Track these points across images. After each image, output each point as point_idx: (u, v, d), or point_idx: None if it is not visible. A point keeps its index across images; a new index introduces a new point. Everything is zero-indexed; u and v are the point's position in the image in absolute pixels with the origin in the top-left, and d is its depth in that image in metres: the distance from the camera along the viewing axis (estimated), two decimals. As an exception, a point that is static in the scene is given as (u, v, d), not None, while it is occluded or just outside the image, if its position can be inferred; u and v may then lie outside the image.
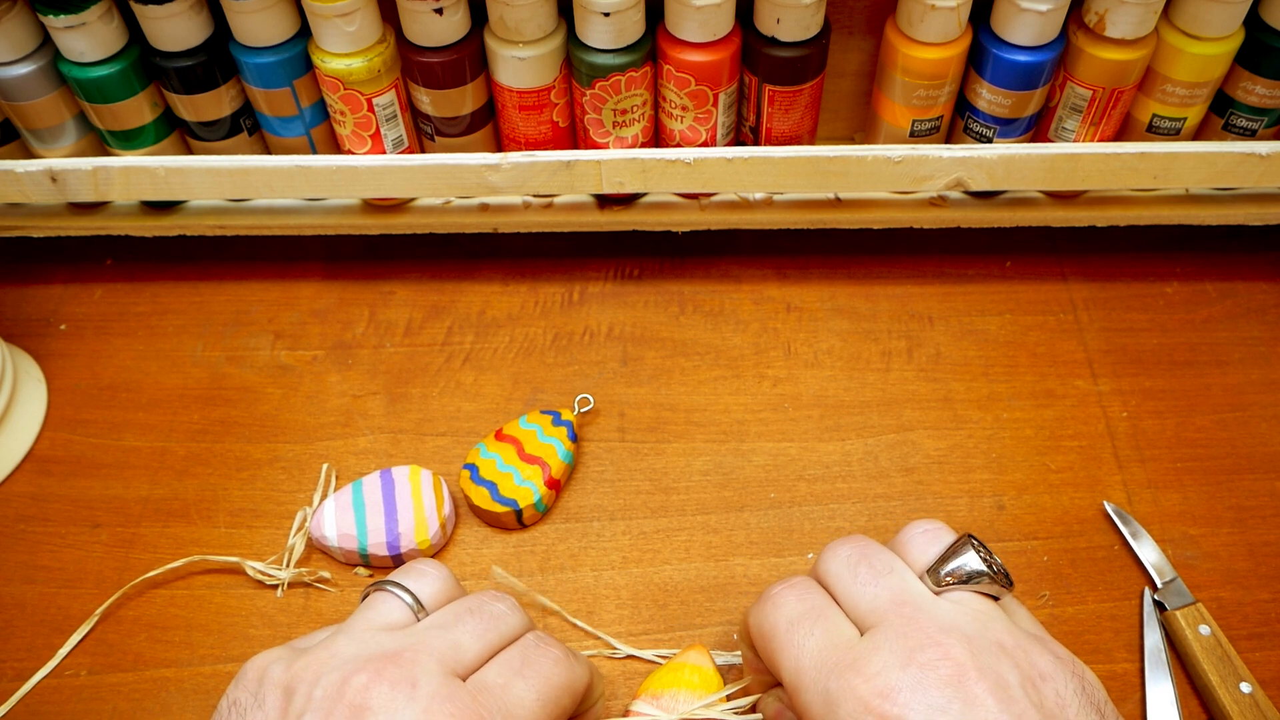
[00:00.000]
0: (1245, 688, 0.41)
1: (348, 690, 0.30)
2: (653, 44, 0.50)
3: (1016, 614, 0.34)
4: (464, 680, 0.32)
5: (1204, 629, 0.43)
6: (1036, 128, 0.53)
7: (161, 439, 0.52)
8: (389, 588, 0.35)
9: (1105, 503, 0.49)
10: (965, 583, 0.33)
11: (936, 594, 0.33)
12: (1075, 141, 0.53)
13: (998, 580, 0.33)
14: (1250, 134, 0.52)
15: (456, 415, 0.53)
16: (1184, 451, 0.51)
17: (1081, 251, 0.59)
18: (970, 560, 0.33)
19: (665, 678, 0.41)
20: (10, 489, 0.51)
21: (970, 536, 0.34)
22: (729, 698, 0.40)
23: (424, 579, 0.36)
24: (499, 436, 0.50)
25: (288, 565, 0.47)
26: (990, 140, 0.53)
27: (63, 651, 0.45)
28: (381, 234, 0.57)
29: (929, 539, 0.35)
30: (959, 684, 0.29)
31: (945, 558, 0.34)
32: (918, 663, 0.30)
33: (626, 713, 0.41)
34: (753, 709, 0.39)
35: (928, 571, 0.34)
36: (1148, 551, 0.47)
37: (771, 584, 0.36)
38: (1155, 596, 0.45)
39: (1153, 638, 0.44)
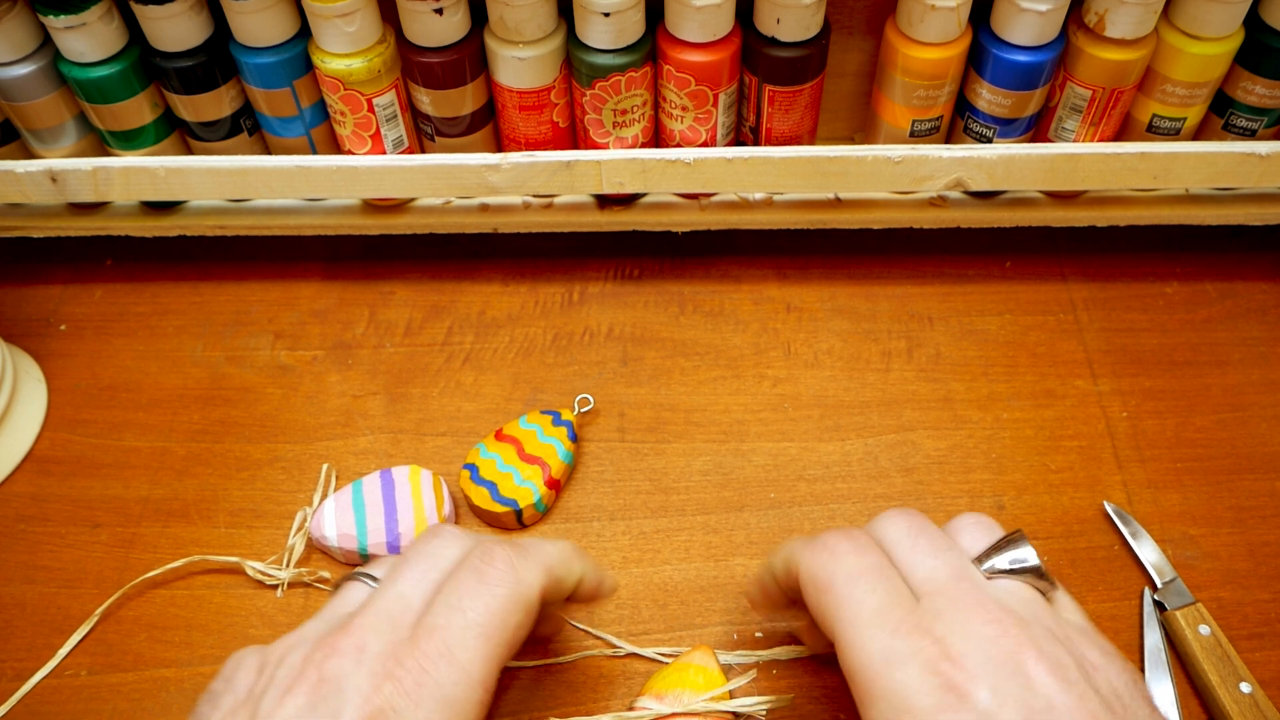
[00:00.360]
0: (1245, 688, 0.41)
1: (308, 666, 0.31)
2: (653, 44, 0.50)
3: (1066, 608, 0.35)
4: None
5: (1204, 629, 0.43)
6: (1036, 128, 0.53)
7: (161, 439, 0.52)
8: (357, 577, 0.37)
9: (1105, 503, 0.49)
10: (1015, 574, 0.34)
11: (988, 579, 0.34)
12: (1075, 141, 0.53)
13: (1047, 576, 0.34)
14: (1250, 134, 0.52)
15: (456, 415, 0.53)
16: (1184, 451, 0.51)
17: (1081, 251, 0.59)
18: (1028, 553, 0.34)
19: (670, 677, 0.41)
20: (10, 489, 0.51)
21: (1021, 532, 0.35)
22: (732, 694, 0.41)
23: (385, 563, 0.37)
24: (499, 436, 0.50)
25: (288, 565, 0.47)
26: (990, 140, 0.53)
27: (63, 651, 0.45)
28: (381, 234, 0.57)
29: (981, 529, 0.36)
30: (1019, 661, 0.30)
31: (1000, 547, 0.35)
32: (980, 635, 0.31)
33: (631, 708, 0.41)
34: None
35: (978, 558, 0.35)
36: (1147, 551, 0.47)
37: (803, 538, 0.36)
38: (1155, 596, 0.45)
39: (1152, 637, 0.44)
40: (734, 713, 0.40)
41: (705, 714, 0.40)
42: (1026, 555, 0.34)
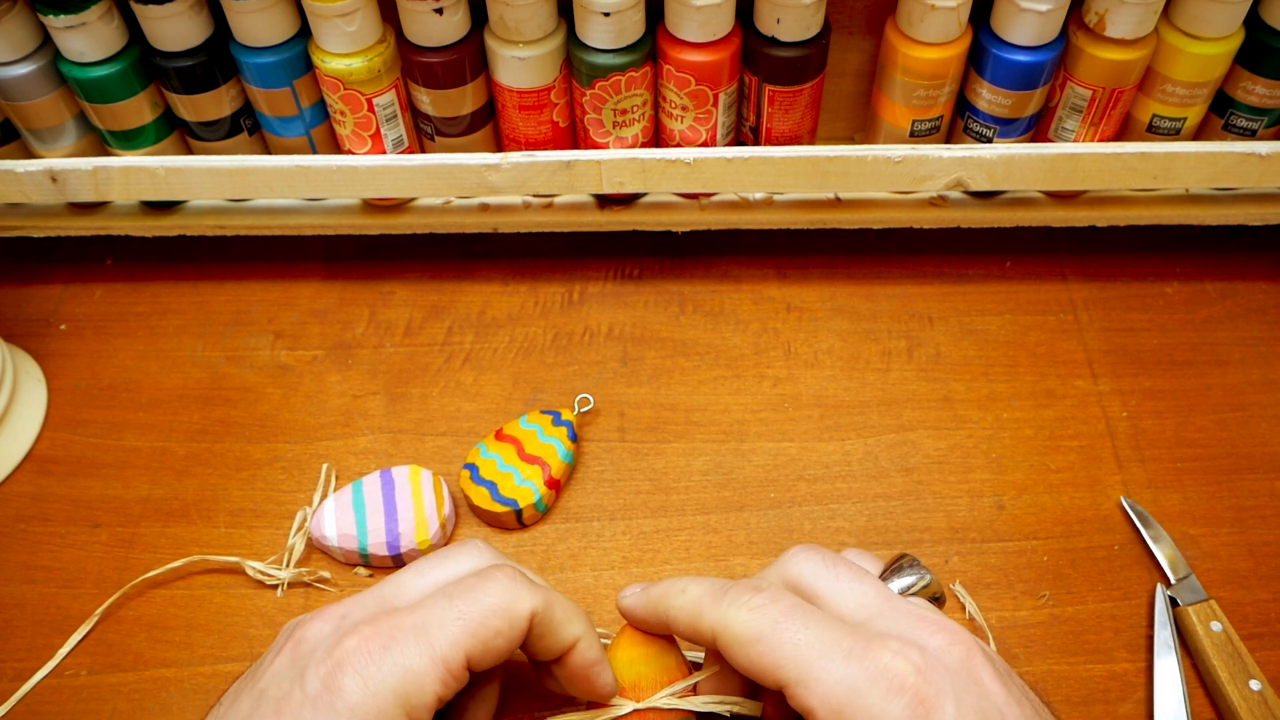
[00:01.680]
0: (1254, 685, 0.41)
1: (295, 629, 0.33)
2: (653, 44, 0.50)
3: None
4: None
5: (1215, 625, 0.43)
6: (1036, 128, 0.53)
7: (161, 439, 0.52)
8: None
9: (1122, 498, 0.49)
10: (918, 593, 0.35)
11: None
12: (1075, 141, 0.53)
13: (941, 595, 0.36)
14: (1250, 134, 0.52)
15: (456, 415, 0.53)
16: (1184, 451, 0.51)
17: (1081, 251, 0.59)
18: (926, 574, 0.35)
19: (630, 669, 0.39)
20: (10, 489, 0.51)
21: (909, 555, 0.36)
22: (696, 688, 0.39)
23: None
24: (499, 436, 0.50)
25: (288, 565, 0.47)
26: (990, 140, 0.53)
27: (63, 651, 0.45)
28: (381, 234, 0.57)
29: (869, 559, 0.37)
30: (971, 668, 0.31)
31: (898, 570, 0.36)
32: (932, 646, 0.31)
33: (589, 706, 0.39)
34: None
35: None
36: (1163, 547, 0.47)
37: (707, 594, 0.34)
38: (1168, 592, 0.45)
39: (1163, 634, 0.44)
40: (696, 713, 0.38)
41: (669, 710, 0.38)
42: (926, 575, 0.35)
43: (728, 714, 0.38)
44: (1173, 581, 0.46)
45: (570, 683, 0.36)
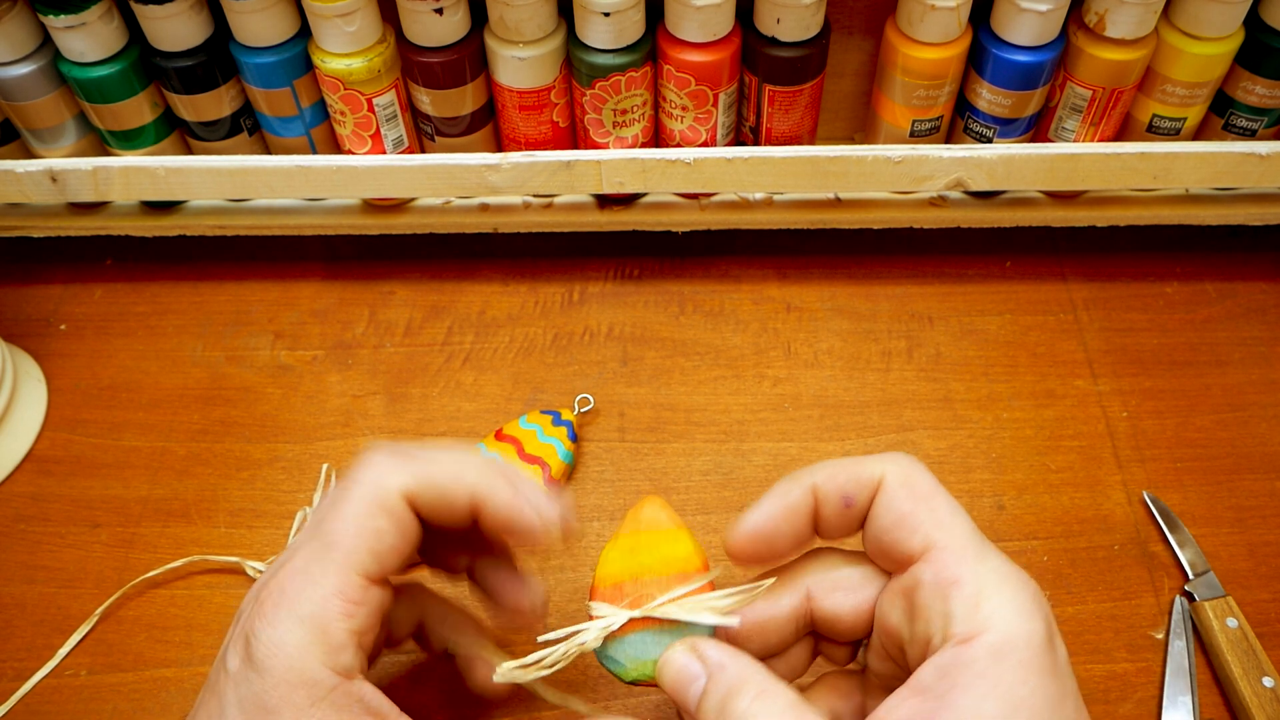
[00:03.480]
0: (1268, 682, 0.42)
1: (241, 622, 0.32)
2: (653, 44, 0.50)
3: None
4: None
5: (1231, 622, 0.44)
6: (1036, 128, 0.53)
7: (161, 439, 0.52)
8: None
9: (1145, 493, 0.49)
10: None
11: None
12: (1075, 141, 0.53)
13: None
14: (1250, 134, 0.52)
15: (456, 415, 0.53)
16: (1184, 451, 0.51)
17: (1081, 251, 0.59)
18: None
19: (622, 560, 0.34)
20: (10, 489, 0.51)
21: None
22: (714, 584, 0.33)
23: None
24: (499, 436, 0.50)
25: (288, 565, 0.47)
26: (990, 140, 0.53)
27: (63, 651, 0.45)
28: (381, 234, 0.57)
29: None
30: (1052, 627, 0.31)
31: None
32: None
33: (590, 617, 0.34)
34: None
35: None
36: (1183, 542, 0.47)
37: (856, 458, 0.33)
38: (1186, 587, 0.46)
39: (1177, 633, 0.44)
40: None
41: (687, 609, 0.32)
42: None
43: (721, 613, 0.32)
44: (1191, 577, 0.46)
45: (505, 536, 0.34)
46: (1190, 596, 0.45)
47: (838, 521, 0.33)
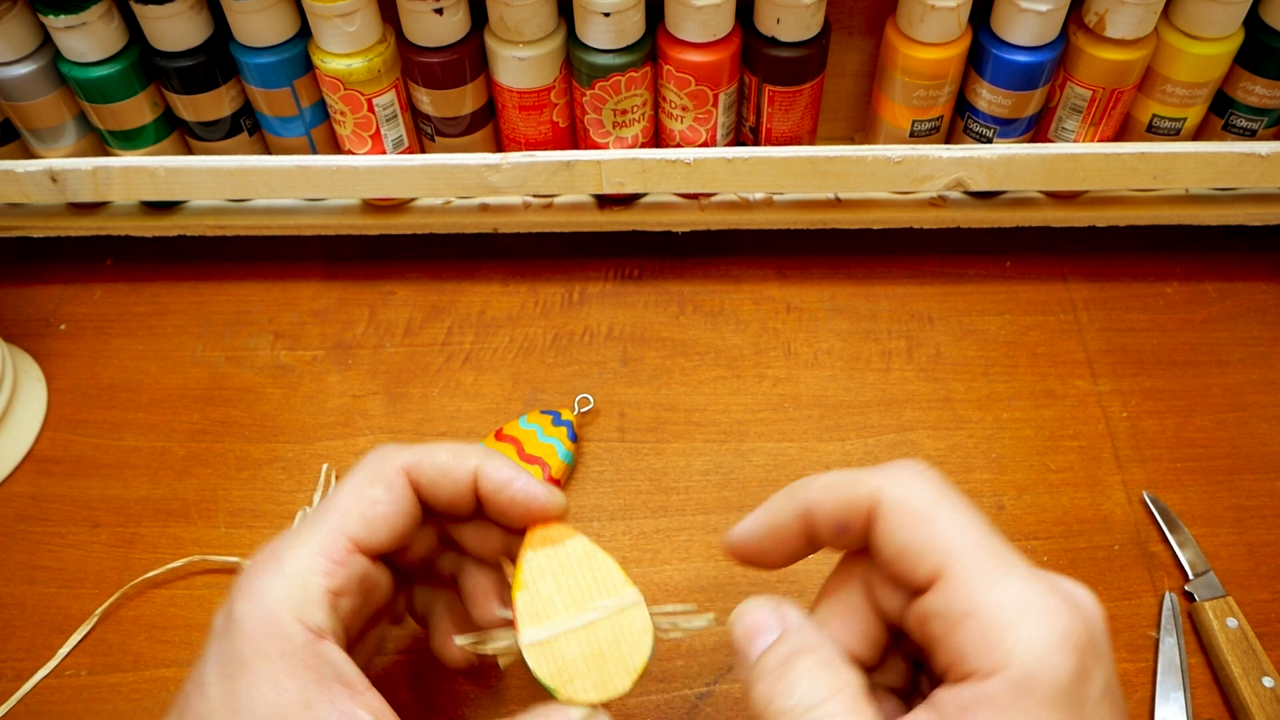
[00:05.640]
0: (1268, 682, 0.42)
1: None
2: (653, 44, 0.50)
3: None
4: None
5: (1231, 622, 0.44)
6: (1036, 128, 0.53)
7: (161, 439, 0.52)
8: None
9: (1144, 493, 0.49)
10: None
11: None
12: (1075, 141, 0.53)
13: None
14: (1250, 134, 0.52)
15: (456, 415, 0.53)
16: (1184, 451, 0.51)
17: (1081, 251, 0.59)
18: None
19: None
20: (10, 489, 0.51)
21: None
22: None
23: None
24: (499, 436, 0.50)
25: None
26: (990, 140, 0.53)
27: (63, 651, 0.45)
28: (381, 234, 0.57)
29: None
30: (1105, 635, 0.28)
31: None
32: (1079, 596, 0.28)
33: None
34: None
35: None
36: (1183, 542, 0.47)
37: (860, 469, 0.31)
38: (1185, 588, 0.46)
39: (1169, 637, 0.44)
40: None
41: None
42: None
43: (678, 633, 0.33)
44: (1191, 577, 0.46)
45: (506, 514, 0.34)
46: (1190, 596, 0.45)
47: (839, 543, 0.31)
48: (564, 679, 0.31)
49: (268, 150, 0.55)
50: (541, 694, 0.31)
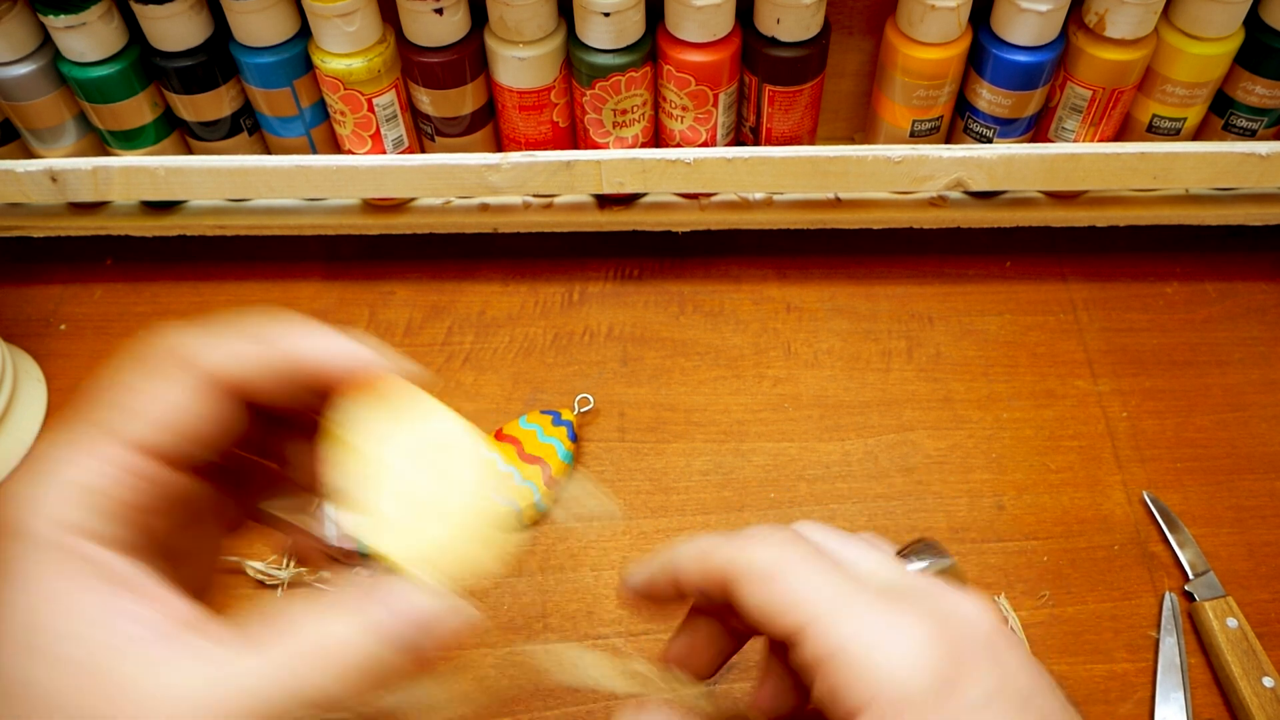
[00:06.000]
0: (1268, 682, 0.42)
1: None
2: (653, 44, 0.50)
3: None
4: None
5: (1231, 622, 0.44)
6: (1036, 128, 0.53)
7: (161, 439, 0.52)
8: None
9: (1144, 492, 0.49)
10: (939, 575, 0.33)
11: None
12: (1075, 141, 0.53)
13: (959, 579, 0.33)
14: (1250, 134, 0.52)
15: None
16: (1184, 451, 0.51)
17: (1081, 251, 0.59)
18: (945, 557, 0.33)
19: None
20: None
21: (927, 538, 0.34)
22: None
23: None
24: (499, 437, 0.50)
25: (288, 566, 0.47)
26: (990, 140, 0.53)
27: (63, 651, 0.45)
28: (381, 234, 0.57)
29: (878, 540, 0.34)
30: (999, 644, 0.28)
31: (916, 551, 0.34)
32: (961, 613, 0.28)
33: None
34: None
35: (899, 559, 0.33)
36: (1183, 542, 0.47)
37: (720, 538, 0.31)
38: (1185, 588, 0.46)
39: (1169, 637, 0.44)
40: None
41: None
42: (945, 557, 0.33)
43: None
44: (1191, 577, 0.46)
45: (332, 387, 0.28)
46: (1190, 596, 0.45)
47: (710, 605, 0.32)
48: (412, 557, 0.26)
49: (268, 150, 0.55)
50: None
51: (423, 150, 0.55)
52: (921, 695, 0.25)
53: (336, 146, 0.54)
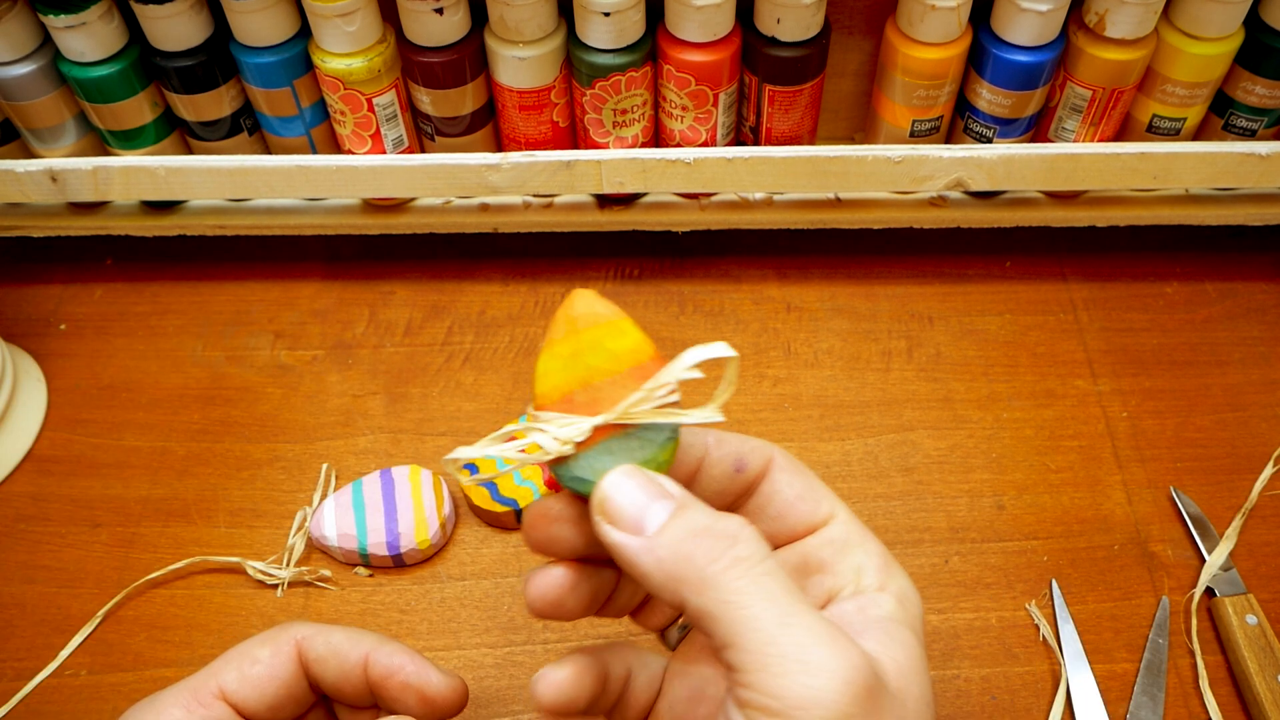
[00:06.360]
0: None
1: None
2: (653, 44, 0.50)
3: None
4: None
5: (1251, 619, 0.44)
6: (1036, 128, 0.53)
7: (161, 439, 0.52)
8: None
9: (1172, 488, 0.49)
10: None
11: None
12: (1075, 141, 0.53)
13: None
14: (1250, 134, 0.52)
15: (456, 415, 0.53)
16: (1184, 451, 0.51)
17: (1081, 251, 0.59)
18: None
19: (565, 368, 0.28)
20: (10, 489, 0.51)
21: None
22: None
23: None
24: (499, 436, 0.50)
25: (288, 565, 0.47)
26: (990, 140, 0.53)
27: (65, 653, 0.45)
28: (381, 234, 0.57)
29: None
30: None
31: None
32: None
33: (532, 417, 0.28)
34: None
35: None
36: (1207, 538, 0.47)
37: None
38: (1208, 583, 0.46)
39: (1159, 639, 0.44)
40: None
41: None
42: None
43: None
44: (1215, 572, 0.46)
45: (397, 704, 0.33)
46: (1211, 592, 0.45)
47: (722, 485, 0.31)
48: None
49: (268, 150, 0.55)
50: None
51: (423, 150, 0.55)
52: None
53: (336, 146, 0.54)
